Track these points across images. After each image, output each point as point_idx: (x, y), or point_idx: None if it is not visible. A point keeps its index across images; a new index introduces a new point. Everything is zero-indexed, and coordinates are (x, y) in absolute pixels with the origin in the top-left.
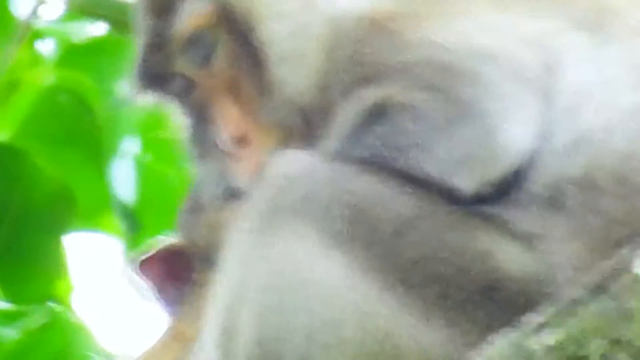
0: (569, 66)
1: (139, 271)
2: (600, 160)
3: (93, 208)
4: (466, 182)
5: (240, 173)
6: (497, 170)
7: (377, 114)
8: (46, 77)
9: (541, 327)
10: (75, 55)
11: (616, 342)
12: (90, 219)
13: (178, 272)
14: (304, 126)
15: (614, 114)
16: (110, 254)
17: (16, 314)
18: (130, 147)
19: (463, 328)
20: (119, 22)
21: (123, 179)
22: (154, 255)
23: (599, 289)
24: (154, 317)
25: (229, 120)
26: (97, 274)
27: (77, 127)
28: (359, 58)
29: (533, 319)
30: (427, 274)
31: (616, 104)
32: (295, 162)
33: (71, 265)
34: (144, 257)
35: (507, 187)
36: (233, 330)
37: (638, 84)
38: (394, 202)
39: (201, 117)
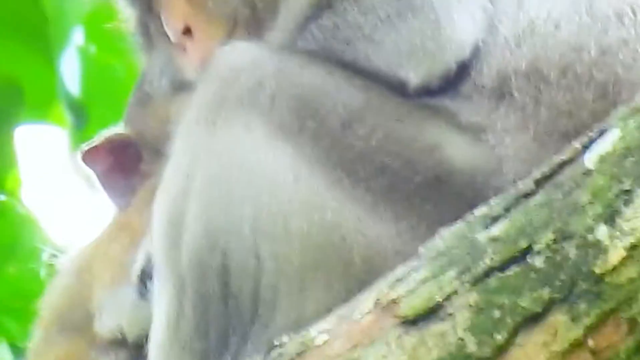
0: None
1: (85, 161)
2: (546, 51)
3: (41, 100)
4: (413, 74)
5: (188, 64)
6: (443, 62)
7: (325, 5)
8: None
9: (488, 219)
10: None
11: (563, 234)
12: (38, 111)
13: (125, 163)
14: (251, 18)
15: (559, 6)
16: (58, 146)
17: None
18: (76, 38)
19: (411, 221)
20: None
21: (70, 71)
22: (100, 145)
23: (546, 181)
24: (101, 208)
25: (175, 11)
26: (45, 166)
27: (23, 18)
28: None
29: (480, 211)
30: (374, 167)
31: None
32: (241, 53)
33: (20, 158)
34: (90, 147)
35: (454, 80)
36: (180, 222)
37: None
38: (342, 94)
39: (148, 9)
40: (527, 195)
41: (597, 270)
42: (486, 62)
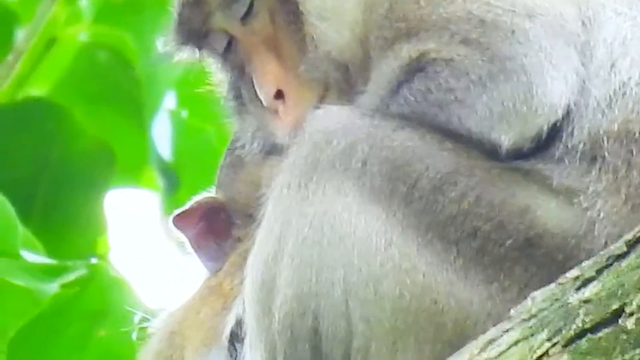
0: (606, 21)
1: (176, 225)
2: (638, 113)
3: (132, 164)
4: (505, 137)
5: (280, 128)
6: (535, 124)
7: (417, 69)
8: (84, 34)
9: (579, 281)
10: (112, 11)
11: None
12: (130, 176)
13: (216, 227)
14: (343, 82)
15: None
16: (149, 210)
17: (57, 268)
18: (168, 103)
19: (502, 284)
20: None
21: (162, 135)
22: (192, 209)
23: (638, 243)
24: (193, 272)
25: (268, 75)
26: (137, 230)
27: (116, 84)
28: (398, 13)
29: (572, 274)
30: (465, 230)
31: None
32: (333, 117)
33: (111, 222)
34: (181, 212)
35: (546, 142)
36: (272, 285)
37: None
38: (433, 157)
39: (240, 73)
40: (619, 257)
41: None
42: (578, 125)
